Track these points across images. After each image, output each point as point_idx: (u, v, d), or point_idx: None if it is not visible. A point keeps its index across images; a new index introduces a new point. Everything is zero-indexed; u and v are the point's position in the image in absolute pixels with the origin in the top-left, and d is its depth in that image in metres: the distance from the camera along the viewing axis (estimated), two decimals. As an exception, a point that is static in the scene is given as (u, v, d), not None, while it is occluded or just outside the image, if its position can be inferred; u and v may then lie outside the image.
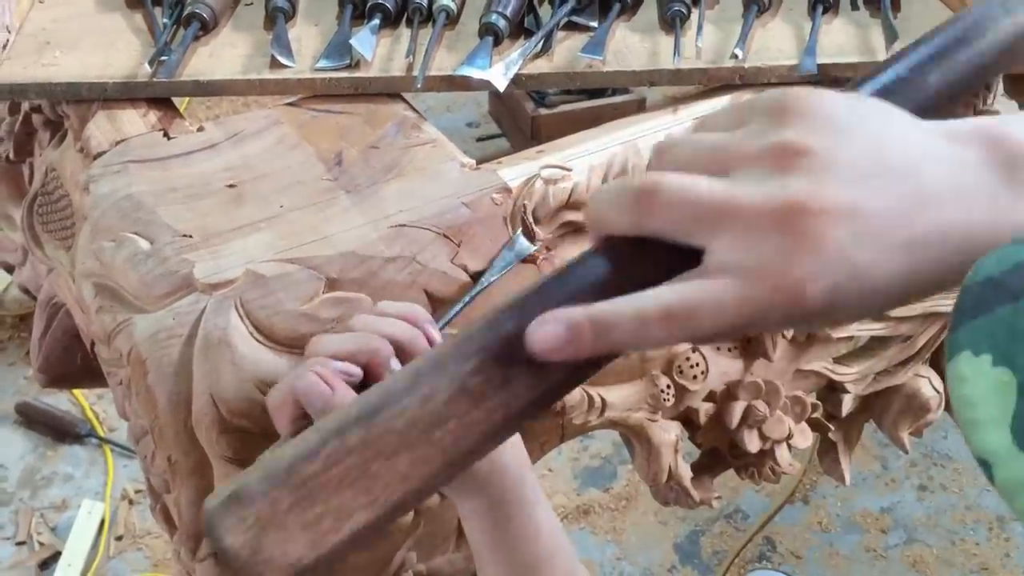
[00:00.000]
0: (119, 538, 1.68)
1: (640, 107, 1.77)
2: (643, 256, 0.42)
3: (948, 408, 0.92)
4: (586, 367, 0.42)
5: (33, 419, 1.86)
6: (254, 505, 0.41)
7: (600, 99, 1.86)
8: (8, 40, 0.80)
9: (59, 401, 1.88)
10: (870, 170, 0.38)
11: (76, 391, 1.87)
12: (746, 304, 0.38)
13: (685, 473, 0.80)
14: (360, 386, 0.52)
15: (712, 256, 0.39)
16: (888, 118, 0.41)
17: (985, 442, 0.29)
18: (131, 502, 1.73)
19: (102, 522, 1.68)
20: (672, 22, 0.82)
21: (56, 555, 1.64)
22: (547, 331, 0.39)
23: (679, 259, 0.40)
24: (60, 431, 1.84)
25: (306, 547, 0.41)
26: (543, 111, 1.89)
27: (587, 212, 0.43)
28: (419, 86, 0.76)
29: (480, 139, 2.27)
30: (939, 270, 0.39)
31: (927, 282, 0.39)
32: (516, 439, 0.61)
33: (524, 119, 1.93)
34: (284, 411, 0.52)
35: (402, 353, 0.54)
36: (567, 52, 0.81)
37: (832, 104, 0.40)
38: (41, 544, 1.66)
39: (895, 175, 0.39)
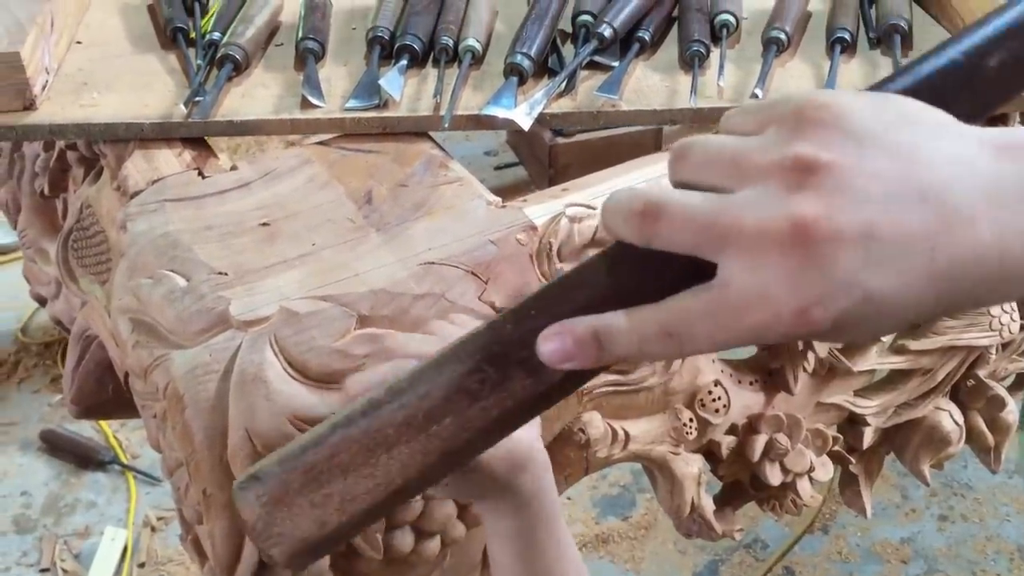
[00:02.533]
0: (141, 565, 1.69)
1: (657, 138, 1.78)
2: (653, 266, 0.41)
3: (969, 441, 0.93)
4: (586, 372, 0.44)
5: (57, 446, 1.88)
6: (268, 484, 0.47)
7: (617, 129, 1.88)
8: (47, 81, 0.82)
9: (83, 428, 1.90)
10: (890, 190, 0.36)
11: (99, 419, 1.89)
12: (746, 326, 0.38)
13: (708, 506, 0.81)
14: None
15: (721, 273, 0.38)
16: (918, 127, 0.38)
17: None
18: (153, 529, 1.74)
19: (125, 549, 1.70)
20: (691, 62, 0.84)
21: (79, 582, 1.66)
22: (554, 344, 0.42)
23: (693, 269, 0.39)
24: (84, 458, 1.86)
25: (313, 525, 0.46)
26: (560, 140, 1.91)
27: (601, 216, 0.43)
28: (447, 125, 0.78)
29: (498, 167, 2.29)
30: (974, 292, 0.37)
31: (960, 304, 0.37)
32: (550, 464, 0.62)
33: (542, 148, 1.95)
34: None
35: None
36: (590, 91, 0.82)
37: (855, 113, 0.38)
38: (65, 571, 1.68)
39: (919, 196, 0.36)
